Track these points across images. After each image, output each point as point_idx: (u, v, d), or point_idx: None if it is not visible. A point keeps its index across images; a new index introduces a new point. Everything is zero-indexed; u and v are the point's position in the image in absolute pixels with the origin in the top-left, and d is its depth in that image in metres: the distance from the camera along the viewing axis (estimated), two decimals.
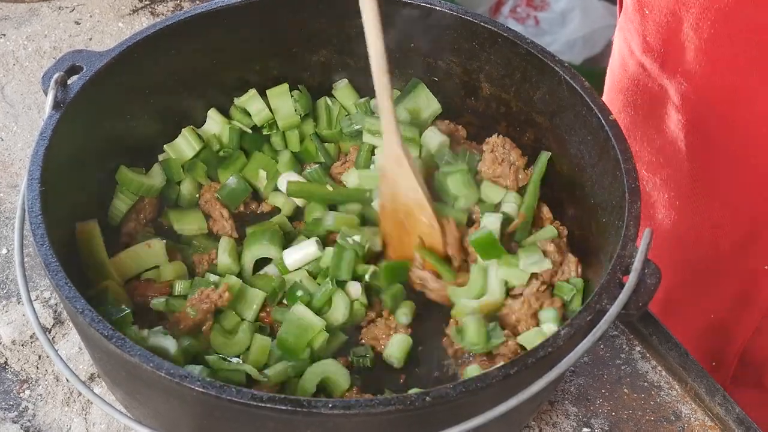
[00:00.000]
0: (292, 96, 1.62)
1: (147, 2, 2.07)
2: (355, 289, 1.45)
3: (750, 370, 1.91)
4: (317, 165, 1.62)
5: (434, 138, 1.58)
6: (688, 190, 1.75)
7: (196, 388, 1.11)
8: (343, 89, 1.65)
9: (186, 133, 1.58)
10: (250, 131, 1.62)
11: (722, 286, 1.82)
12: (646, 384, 1.50)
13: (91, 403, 1.44)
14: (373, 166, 1.57)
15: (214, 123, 1.61)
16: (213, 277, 1.46)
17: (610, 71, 1.85)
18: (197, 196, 1.59)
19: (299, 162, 1.64)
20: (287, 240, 1.54)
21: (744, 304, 1.81)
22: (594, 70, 3.40)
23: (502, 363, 1.26)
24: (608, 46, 3.46)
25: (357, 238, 1.46)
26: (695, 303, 1.88)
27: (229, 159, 1.60)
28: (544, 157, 1.53)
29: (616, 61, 1.81)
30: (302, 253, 1.50)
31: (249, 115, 1.63)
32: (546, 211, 1.53)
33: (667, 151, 1.74)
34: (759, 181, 1.65)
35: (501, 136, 1.58)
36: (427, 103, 1.62)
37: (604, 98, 1.77)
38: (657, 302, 1.81)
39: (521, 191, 1.54)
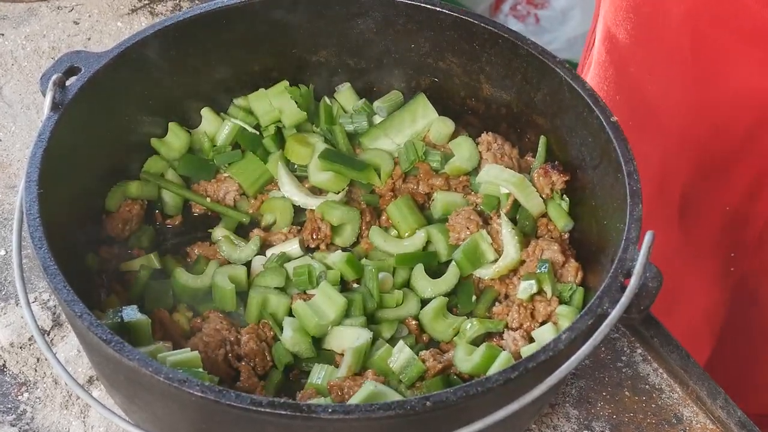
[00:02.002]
0: (298, 88, 1.61)
1: (146, 2, 2.06)
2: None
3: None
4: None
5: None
6: (693, 84, 1.74)
7: (195, 393, 1.10)
8: (344, 92, 1.65)
9: (173, 128, 1.57)
10: (254, 130, 1.61)
11: (736, 175, 1.81)
12: (647, 387, 1.50)
13: (90, 406, 1.43)
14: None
15: (208, 122, 1.60)
16: None
17: None
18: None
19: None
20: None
21: (760, 187, 1.80)
22: None
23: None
24: None
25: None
26: (710, 196, 1.87)
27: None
28: (543, 140, 1.54)
29: None
30: (281, 249, 1.52)
31: (251, 114, 1.62)
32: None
33: (671, 48, 1.74)
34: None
35: (489, 132, 1.59)
36: (423, 112, 1.62)
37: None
38: (675, 201, 1.84)
39: None
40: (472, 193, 1.57)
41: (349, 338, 1.40)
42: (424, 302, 1.47)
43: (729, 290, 1.97)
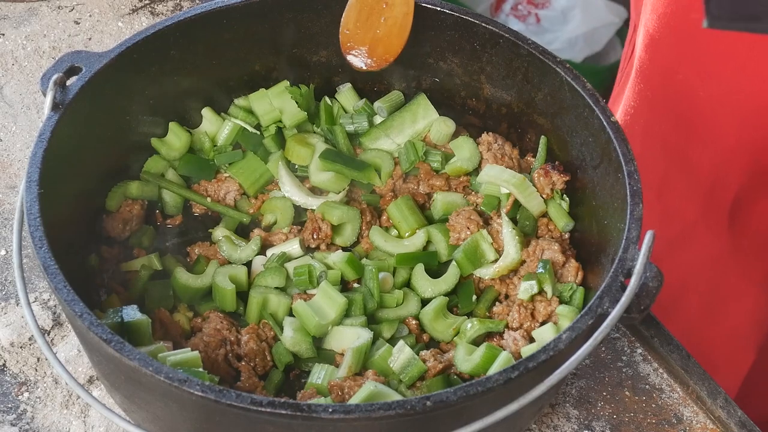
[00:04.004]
0: (299, 89, 1.61)
1: (147, 2, 2.06)
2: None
3: None
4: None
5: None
6: (750, 89, 1.72)
7: (196, 393, 1.10)
8: (345, 92, 1.65)
9: (173, 128, 1.58)
10: (254, 130, 1.61)
11: None
12: (647, 386, 1.49)
13: (91, 405, 1.43)
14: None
15: (209, 122, 1.60)
16: None
17: None
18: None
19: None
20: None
21: None
22: (595, 67, 3.39)
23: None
24: (609, 43, 3.45)
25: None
26: (762, 202, 1.84)
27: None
28: (543, 140, 1.54)
29: None
30: (281, 249, 1.52)
31: (252, 113, 1.62)
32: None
33: (726, 52, 1.71)
34: None
35: (489, 132, 1.59)
36: (424, 112, 1.62)
37: None
38: (726, 206, 1.82)
39: None
40: (473, 193, 1.57)
41: (350, 338, 1.40)
42: (424, 302, 1.47)
43: None
